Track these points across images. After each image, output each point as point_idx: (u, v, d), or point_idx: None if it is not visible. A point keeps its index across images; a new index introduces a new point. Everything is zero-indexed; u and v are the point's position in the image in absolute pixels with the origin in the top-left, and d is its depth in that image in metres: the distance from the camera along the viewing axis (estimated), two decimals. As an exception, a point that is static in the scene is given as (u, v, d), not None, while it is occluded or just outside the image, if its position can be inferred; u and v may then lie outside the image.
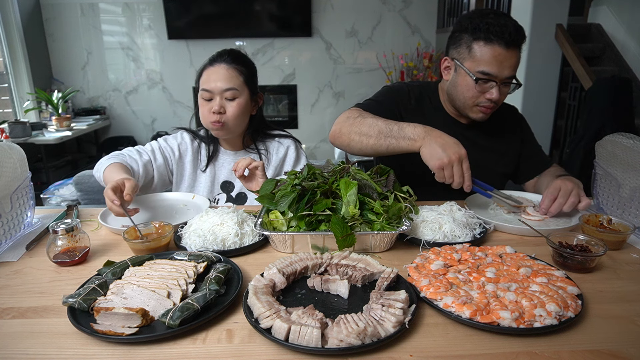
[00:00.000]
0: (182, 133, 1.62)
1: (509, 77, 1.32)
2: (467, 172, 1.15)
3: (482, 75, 1.31)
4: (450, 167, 1.14)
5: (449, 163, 1.13)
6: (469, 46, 1.33)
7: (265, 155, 1.61)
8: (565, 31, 3.31)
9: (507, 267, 0.90)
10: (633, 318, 0.77)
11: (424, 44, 5.14)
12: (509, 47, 1.27)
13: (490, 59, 1.29)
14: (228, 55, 1.48)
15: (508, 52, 1.28)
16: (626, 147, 1.22)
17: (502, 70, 1.29)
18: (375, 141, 1.26)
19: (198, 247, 1.03)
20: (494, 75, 1.30)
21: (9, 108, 4.49)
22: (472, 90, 1.35)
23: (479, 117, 1.41)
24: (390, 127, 1.24)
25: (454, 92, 1.42)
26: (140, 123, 5.28)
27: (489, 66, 1.29)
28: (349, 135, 1.32)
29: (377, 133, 1.26)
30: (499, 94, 1.32)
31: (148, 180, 1.51)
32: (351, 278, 0.87)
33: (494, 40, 1.27)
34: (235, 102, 1.45)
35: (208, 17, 4.87)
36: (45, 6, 4.79)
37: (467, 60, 1.34)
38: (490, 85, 1.33)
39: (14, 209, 1.12)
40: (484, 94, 1.35)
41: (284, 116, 5.43)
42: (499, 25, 1.27)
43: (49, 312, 0.80)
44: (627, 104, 2.82)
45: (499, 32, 1.26)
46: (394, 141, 1.23)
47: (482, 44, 1.30)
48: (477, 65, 1.31)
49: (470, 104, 1.39)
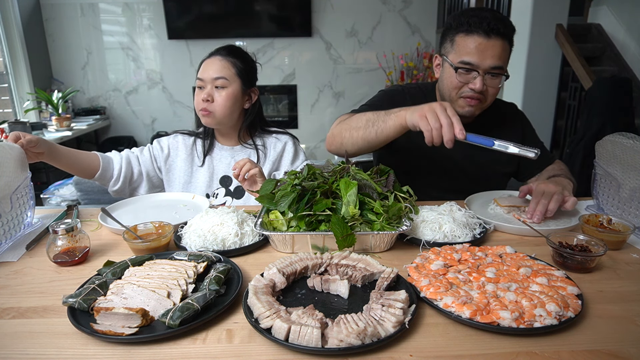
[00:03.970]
0: (175, 135, 1.67)
1: (493, 67, 1.31)
2: (454, 117, 1.07)
3: (463, 65, 1.32)
4: (433, 112, 1.07)
5: (429, 109, 1.07)
6: (452, 40, 1.36)
7: (262, 151, 1.62)
8: (565, 31, 3.31)
9: (507, 267, 0.90)
10: (633, 318, 0.77)
11: (424, 44, 5.14)
12: (489, 36, 1.29)
13: (471, 49, 1.31)
14: (224, 49, 1.54)
15: (489, 42, 1.29)
16: (626, 147, 1.22)
17: (484, 60, 1.30)
18: (364, 131, 1.26)
19: (198, 247, 1.03)
20: (475, 64, 1.31)
21: (9, 108, 4.49)
22: (454, 80, 1.36)
23: (466, 111, 1.39)
24: (378, 114, 1.24)
25: (442, 87, 1.45)
26: (140, 123, 5.28)
27: (469, 55, 1.31)
28: (340, 134, 1.33)
29: (365, 122, 1.26)
30: (482, 84, 1.32)
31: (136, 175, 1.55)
32: (351, 278, 0.87)
33: (473, 31, 1.30)
34: (224, 91, 1.48)
35: (208, 17, 4.87)
36: (45, 6, 4.78)
37: (451, 53, 1.37)
38: (473, 75, 1.33)
39: (14, 209, 1.12)
40: (467, 85, 1.35)
41: (284, 116, 5.42)
42: (479, 17, 1.30)
43: (49, 312, 0.80)
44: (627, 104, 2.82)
45: (477, 22, 1.29)
46: (381, 124, 1.22)
47: (463, 35, 1.33)
48: (458, 56, 1.33)
49: (455, 96, 1.39)
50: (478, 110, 1.41)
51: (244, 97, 1.55)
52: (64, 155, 1.36)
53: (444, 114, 1.07)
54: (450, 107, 1.09)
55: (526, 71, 3.33)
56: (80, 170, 1.43)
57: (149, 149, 1.61)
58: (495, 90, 1.38)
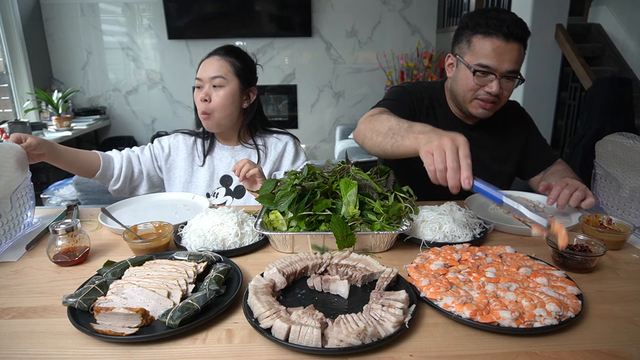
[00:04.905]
0: (176, 134, 1.67)
1: (510, 71, 1.32)
2: (464, 160, 0.89)
3: (481, 68, 1.32)
4: (441, 150, 0.90)
5: (438, 146, 0.90)
6: (469, 40, 1.35)
7: (263, 151, 1.62)
8: (565, 31, 3.31)
9: (507, 267, 0.90)
10: (633, 318, 0.77)
11: (424, 44, 5.14)
12: (508, 40, 1.28)
13: (489, 52, 1.30)
14: (222, 49, 1.54)
15: (507, 45, 1.29)
16: (626, 147, 1.22)
17: (502, 63, 1.30)
18: (382, 139, 1.19)
19: (198, 247, 1.03)
20: (492, 67, 1.31)
21: (9, 108, 4.49)
22: (470, 83, 1.36)
23: (479, 113, 1.40)
24: (401, 125, 1.14)
25: (455, 88, 1.44)
26: (140, 123, 5.28)
27: (487, 58, 1.30)
28: (364, 132, 1.29)
29: (387, 130, 1.18)
30: (498, 87, 1.32)
31: (136, 174, 1.55)
32: (351, 278, 0.87)
33: (492, 34, 1.29)
34: (221, 90, 1.49)
35: (208, 17, 4.87)
36: (45, 6, 4.78)
37: (467, 55, 1.36)
38: (490, 78, 1.33)
39: (14, 209, 1.12)
40: (483, 87, 1.35)
41: (284, 116, 5.42)
42: (498, 19, 1.29)
43: (49, 312, 0.80)
44: (627, 104, 2.82)
45: (496, 25, 1.28)
46: (399, 139, 1.13)
47: (481, 37, 1.31)
48: (476, 58, 1.33)
49: (470, 98, 1.39)
50: (492, 113, 1.41)
51: (242, 97, 1.55)
52: (65, 155, 1.36)
53: (453, 156, 0.89)
54: (465, 146, 0.90)
55: (526, 71, 3.33)
56: (80, 169, 1.43)
57: (150, 148, 1.62)
58: (509, 93, 1.38)
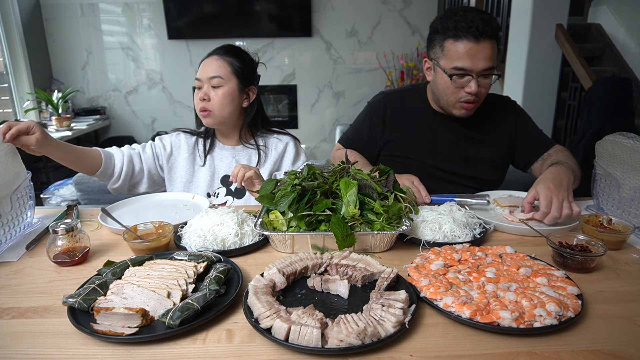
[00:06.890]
0: (178, 133, 1.67)
1: (485, 69, 1.34)
2: (419, 186, 1.30)
3: (457, 71, 1.35)
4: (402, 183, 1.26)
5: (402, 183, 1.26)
6: (442, 45, 1.38)
7: (263, 151, 1.62)
8: (565, 31, 3.31)
9: (507, 267, 0.90)
10: (633, 318, 0.77)
11: (424, 44, 5.13)
12: (478, 40, 1.31)
13: (462, 54, 1.32)
14: (221, 49, 1.55)
15: (479, 45, 1.31)
16: (626, 147, 1.22)
17: (476, 63, 1.32)
18: None
19: (198, 247, 1.03)
20: (468, 69, 1.33)
21: (9, 108, 4.48)
22: (450, 87, 1.39)
23: (462, 114, 1.45)
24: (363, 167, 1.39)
25: (437, 92, 1.47)
26: (140, 123, 5.27)
27: (461, 61, 1.33)
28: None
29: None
30: (477, 86, 1.35)
31: (137, 172, 1.55)
32: (351, 278, 0.87)
33: (462, 36, 1.32)
34: (220, 89, 1.49)
35: (208, 17, 4.87)
36: (45, 6, 4.78)
37: (442, 59, 1.38)
38: (467, 79, 1.36)
39: (14, 209, 1.12)
40: (463, 89, 1.38)
41: (284, 116, 5.42)
42: (466, 21, 1.31)
43: (49, 312, 0.80)
44: (627, 103, 2.82)
45: (465, 27, 1.31)
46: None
47: (452, 41, 1.34)
48: (450, 62, 1.35)
49: (453, 101, 1.43)
50: (473, 111, 1.46)
51: (241, 96, 1.55)
52: (65, 148, 1.33)
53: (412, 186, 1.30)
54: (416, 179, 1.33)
55: (526, 71, 3.33)
56: (82, 165, 1.42)
57: (152, 146, 1.61)
58: (487, 89, 1.41)
